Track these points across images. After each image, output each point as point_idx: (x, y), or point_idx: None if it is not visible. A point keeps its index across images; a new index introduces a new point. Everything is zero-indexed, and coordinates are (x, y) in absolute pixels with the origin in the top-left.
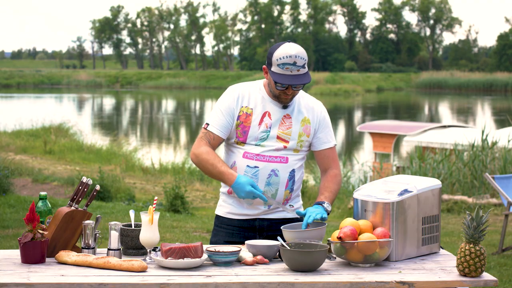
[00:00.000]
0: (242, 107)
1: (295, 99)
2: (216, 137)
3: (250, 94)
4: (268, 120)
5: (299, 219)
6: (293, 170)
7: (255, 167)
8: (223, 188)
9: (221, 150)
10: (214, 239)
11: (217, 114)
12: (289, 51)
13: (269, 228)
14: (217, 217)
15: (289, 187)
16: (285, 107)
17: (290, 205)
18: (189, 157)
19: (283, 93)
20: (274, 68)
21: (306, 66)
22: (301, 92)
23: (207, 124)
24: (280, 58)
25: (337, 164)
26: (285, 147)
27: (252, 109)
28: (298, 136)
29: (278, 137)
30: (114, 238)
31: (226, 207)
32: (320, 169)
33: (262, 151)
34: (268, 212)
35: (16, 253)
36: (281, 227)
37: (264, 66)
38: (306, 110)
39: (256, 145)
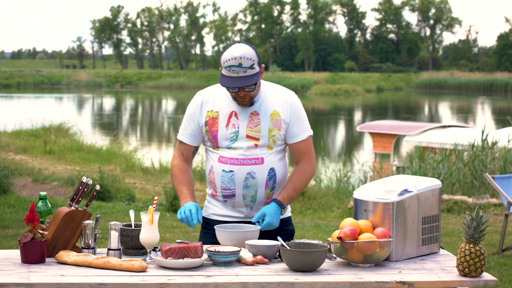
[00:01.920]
0: (208, 111)
1: (262, 93)
2: (187, 147)
3: (215, 97)
4: (235, 120)
5: (285, 220)
6: (272, 169)
7: (230, 171)
8: (208, 190)
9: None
10: (201, 240)
11: (184, 122)
12: (234, 52)
13: None
14: (203, 218)
15: (269, 186)
16: (251, 103)
17: None
18: None
19: (237, 95)
20: (223, 71)
21: (255, 66)
22: (269, 84)
23: (177, 132)
24: (226, 61)
25: (309, 157)
26: (256, 145)
27: (217, 112)
28: (268, 132)
29: (247, 136)
30: (114, 238)
31: (211, 208)
32: (294, 162)
33: (236, 154)
34: (252, 216)
35: (16, 253)
36: (214, 226)
37: (220, 68)
38: (274, 104)
39: (228, 148)
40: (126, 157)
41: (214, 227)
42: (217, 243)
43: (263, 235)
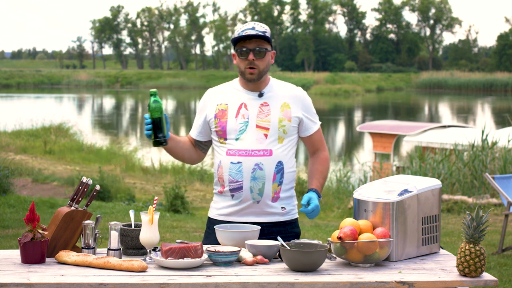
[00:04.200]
0: (217, 105)
1: (272, 87)
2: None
3: (223, 91)
4: (245, 111)
5: (291, 221)
6: (280, 162)
7: (238, 162)
8: (215, 189)
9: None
10: (205, 242)
11: (195, 118)
12: (248, 23)
13: (261, 232)
14: (209, 219)
15: (277, 180)
16: (260, 95)
17: (282, 207)
18: None
19: (247, 64)
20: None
21: (268, 35)
22: (277, 80)
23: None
24: (239, 29)
25: (325, 145)
26: (266, 135)
27: (227, 104)
28: (278, 121)
29: (257, 126)
30: (114, 238)
31: (217, 210)
32: (309, 152)
33: (244, 145)
34: (258, 213)
35: (16, 253)
36: (214, 226)
37: (233, 53)
38: (285, 97)
39: (236, 139)
40: (126, 157)
41: (214, 227)
42: None
43: (267, 236)
